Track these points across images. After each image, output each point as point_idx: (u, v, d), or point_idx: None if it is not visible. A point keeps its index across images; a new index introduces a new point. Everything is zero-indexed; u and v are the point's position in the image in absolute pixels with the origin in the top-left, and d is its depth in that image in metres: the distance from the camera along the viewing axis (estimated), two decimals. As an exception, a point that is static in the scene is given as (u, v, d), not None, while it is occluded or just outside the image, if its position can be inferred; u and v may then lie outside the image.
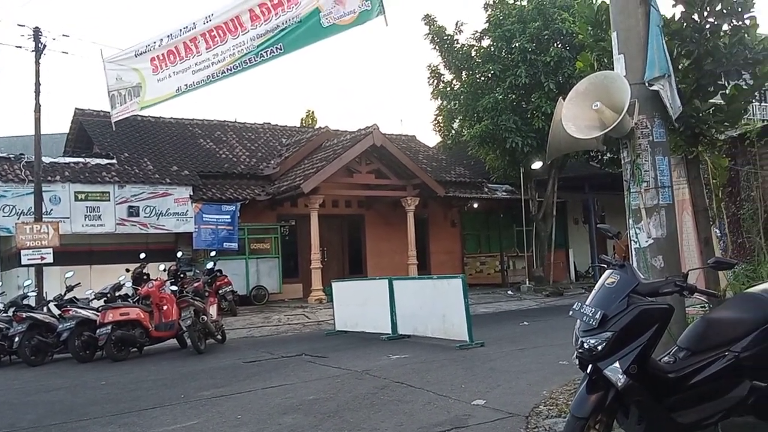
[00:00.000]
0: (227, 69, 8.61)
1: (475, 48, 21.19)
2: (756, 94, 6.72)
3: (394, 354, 9.65)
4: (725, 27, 6.23)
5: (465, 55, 21.05)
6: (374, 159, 20.11)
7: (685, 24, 6.24)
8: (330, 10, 7.44)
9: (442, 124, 23.00)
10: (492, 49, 20.36)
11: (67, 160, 18.13)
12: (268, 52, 8.14)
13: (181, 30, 9.09)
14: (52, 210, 16.15)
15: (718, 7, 6.15)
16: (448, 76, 21.99)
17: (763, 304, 3.92)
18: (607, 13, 6.14)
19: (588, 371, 3.66)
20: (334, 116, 75.65)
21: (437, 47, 21.36)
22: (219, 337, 11.96)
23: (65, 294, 11.88)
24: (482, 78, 20.80)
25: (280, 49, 8.02)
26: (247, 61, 8.37)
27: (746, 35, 6.12)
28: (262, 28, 8.14)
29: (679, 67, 6.23)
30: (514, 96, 19.94)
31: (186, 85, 9.15)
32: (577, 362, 3.75)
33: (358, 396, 6.89)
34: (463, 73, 21.38)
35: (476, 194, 23.48)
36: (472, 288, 16.02)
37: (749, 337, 3.79)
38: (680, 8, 6.30)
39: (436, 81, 22.15)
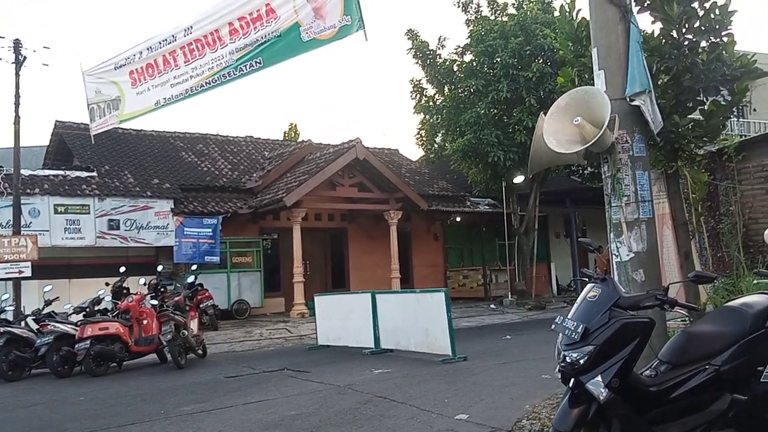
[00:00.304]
0: (206, 83, 8.57)
1: (457, 63, 21.36)
2: (734, 110, 6.82)
3: (376, 368, 9.62)
4: (703, 44, 6.33)
5: (447, 70, 21.20)
6: (357, 172, 20.13)
7: (664, 40, 6.33)
8: (310, 24, 7.43)
9: (424, 138, 23.11)
10: (474, 64, 20.53)
11: (47, 172, 17.95)
12: (247, 66, 8.11)
13: (160, 43, 9.05)
14: (31, 223, 15.97)
15: (696, 24, 6.25)
16: (430, 91, 22.15)
17: (743, 318, 3.95)
18: (587, 30, 6.21)
19: (570, 385, 3.66)
20: (317, 130, 75.84)
21: (420, 62, 21.51)
22: (200, 351, 11.86)
23: (43, 308, 11.70)
24: (464, 92, 20.94)
25: (259, 63, 8.00)
26: (226, 75, 8.34)
27: (724, 52, 6.21)
28: (240, 42, 8.11)
29: (659, 83, 6.31)
30: (496, 111, 20.08)
31: (165, 98, 9.11)
32: (560, 376, 3.75)
33: (341, 411, 6.85)
34: (446, 87, 21.52)
35: (459, 208, 23.55)
36: (454, 302, 16.03)
37: (729, 351, 3.81)
38: (659, 25, 6.40)
39: (418, 95, 22.28)
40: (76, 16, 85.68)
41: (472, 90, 20.41)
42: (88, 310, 11.35)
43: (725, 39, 6.25)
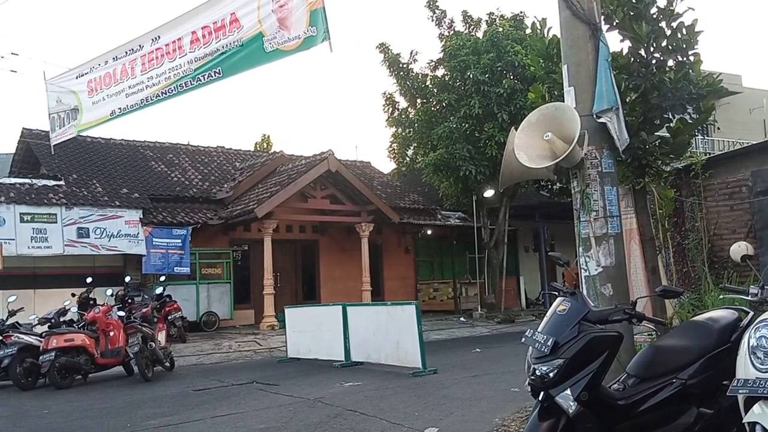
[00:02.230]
0: (161, 93, 8.43)
1: (429, 77, 21.51)
2: (699, 128, 6.97)
3: (347, 381, 9.58)
4: (670, 62, 6.48)
5: (420, 84, 21.34)
6: (329, 184, 20.11)
7: (632, 59, 6.47)
8: (274, 34, 7.34)
9: (396, 151, 23.19)
10: (447, 79, 20.69)
11: (13, 180, 17.63)
12: (205, 77, 7.97)
13: (126, 52, 8.95)
14: (-5, 231, 15.64)
15: (664, 44, 6.40)
16: (403, 104, 22.26)
17: (709, 332, 4.02)
18: (557, 47, 6.31)
19: (540, 398, 3.69)
20: (290, 141, 75.64)
21: (393, 75, 21.61)
22: (167, 364, 11.69)
23: (7, 319, 11.46)
24: (437, 107, 21.08)
25: (218, 74, 7.87)
26: (183, 84, 8.19)
27: (690, 71, 6.36)
28: (200, 52, 7.98)
29: (627, 100, 6.43)
30: (467, 125, 20.23)
31: (120, 108, 8.99)
32: (529, 389, 3.78)
33: (310, 425, 6.80)
34: (418, 101, 21.65)
35: (430, 221, 23.63)
36: (425, 314, 16.04)
37: (695, 365, 3.87)
38: (628, 44, 6.53)
39: (391, 108, 22.37)
40: (48, 22, 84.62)
41: (444, 104, 20.55)
42: (53, 321, 11.13)
43: (692, 58, 6.40)
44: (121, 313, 11.50)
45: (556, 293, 3.98)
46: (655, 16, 6.39)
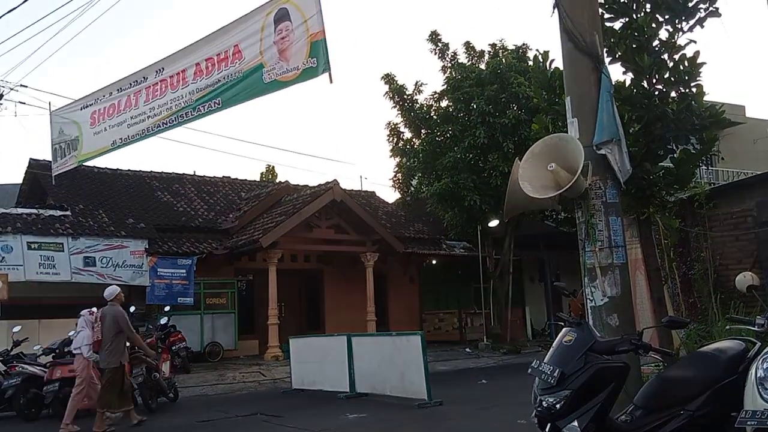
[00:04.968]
0: (162, 123, 8.49)
1: (434, 108, 21.66)
2: (703, 158, 7.00)
3: (352, 413, 9.50)
4: (673, 94, 6.53)
5: (424, 115, 21.49)
6: (334, 214, 20.15)
7: (635, 90, 6.52)
8: (273, 65, 7.36)
9: (401, 181, 23.27)
10: (451, 110, 20.85)
11: (20, 211, 17.72)
12: (205, 107, 8.02)
13: (131, 83, 9.05)
14: (3, 258, 15.67)
15: (666, 75, 6.45)
16: (407, 134, 22.39)
17: (716, 363, 3.99)
18: (560, 79, 6.37)
19: (547, 430, 3.66)
20: (295, 171, 75.93)
21: (397, 106, 21.78)
22: (171, 395, 11.62)
23: (12, 349, 11.44)
24: (441, 137, 21.21)
25: (218, 104, 7.92)
26: (183, 115, 8.25)
27: (693, 102, 6.41)
28: (202, 83, 8.05)
29: (630, 131, 6.48)
30: (472, 156, 20.32)
31: (121, 138, 9.05)
32: (536, 421, 3.75)
33: (315, 456, 6.75)
34: (423, 131, 21.78)
35: (435, 251, 23.59)
36: (430, 345, 15.88)
37: (703, 396, 3.84)
38: (630, 75, 6.59)
39: (395, 139, 22.51)
40: (57, 55, 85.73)
41: (448, 135, 20.67)
42: (57, 351, 11.11)
43: (694, 89, 6.46)
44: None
45: (562, 323, 3.98)
46: (657, 49, 6.46)
